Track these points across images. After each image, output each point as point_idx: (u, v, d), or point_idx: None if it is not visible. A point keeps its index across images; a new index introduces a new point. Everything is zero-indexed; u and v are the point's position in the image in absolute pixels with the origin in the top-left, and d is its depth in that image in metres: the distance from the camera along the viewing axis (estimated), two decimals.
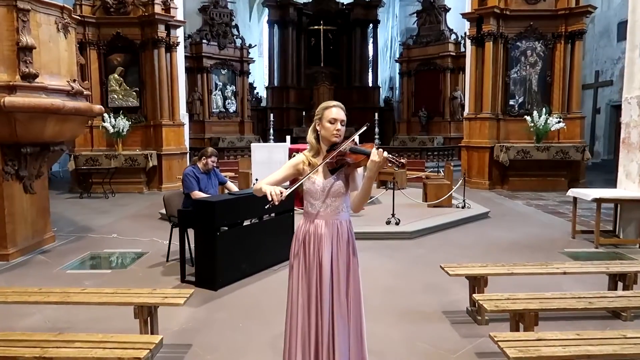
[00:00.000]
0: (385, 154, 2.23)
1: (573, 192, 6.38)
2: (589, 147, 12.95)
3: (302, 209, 2.57)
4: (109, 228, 7.27)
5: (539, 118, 10.95)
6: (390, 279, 4.85)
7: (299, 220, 2.60)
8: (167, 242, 5.54)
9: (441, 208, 8.00)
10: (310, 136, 2.55)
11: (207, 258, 4.51)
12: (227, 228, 4.71)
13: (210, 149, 5.43)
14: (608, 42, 17.32)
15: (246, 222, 5.02)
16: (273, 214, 5.29)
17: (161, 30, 11.29)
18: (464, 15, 12.00)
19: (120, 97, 11.73)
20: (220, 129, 18.06)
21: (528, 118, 11.08)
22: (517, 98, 11.82)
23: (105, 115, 11.09)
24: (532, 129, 11.11)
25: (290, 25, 20.64)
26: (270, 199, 2.25)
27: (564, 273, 3.61)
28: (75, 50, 6.10)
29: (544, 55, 11.61)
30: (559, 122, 10.96)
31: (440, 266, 3.78)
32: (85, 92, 5.99)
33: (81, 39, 11.22)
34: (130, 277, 4.94)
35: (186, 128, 12.74)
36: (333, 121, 2.45)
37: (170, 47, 11.65)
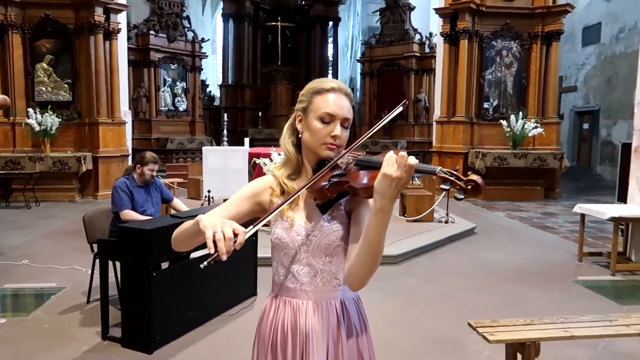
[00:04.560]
0: (413, 160, 1.09)
1: (581, 208, 5.53)
2: None
3: None
4: (22, 250, 5.81)
5: (516, 122, 10.25)
6: (387, 327, 3.74)
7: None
8: (90, 274, 4.22)
9: (422, 223, 7.02)
10: (285, 141, 1.38)
11: (138, 307, 3.26)
12: (167, 263, 3.49)
13: (149, 154, 4.13)
14: (572, 47, 17.08)
15: (195, 254, 3.80)
16: None
17: (99, 14, 9.79)
18: (437, 10, 11.15)
19: (50, 89, 10.11)
20: (168, 129, 16.51)
21: (504, 122, 10.36)
22: (491, 101, 11.10)
23: (30, 110, 9.51)
24: (508, 134, 10.40)
25: (246, 20, 19.34)
26: (212, 251, 1.08)
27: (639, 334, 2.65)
28: None
29: (520, 56, 10.94)
30: (537, 127, 10.29)
31: (470, 324, 2.72)
32: None
33: (2, 20, 9.60)
34: (32, 331, 3.60)
35: (128, 127, 11.24)
36: (328, 118, 1.30)
37: (110, 34, 10.15)
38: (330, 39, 20.98)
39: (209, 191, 5.74)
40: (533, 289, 4.62)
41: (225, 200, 5.60)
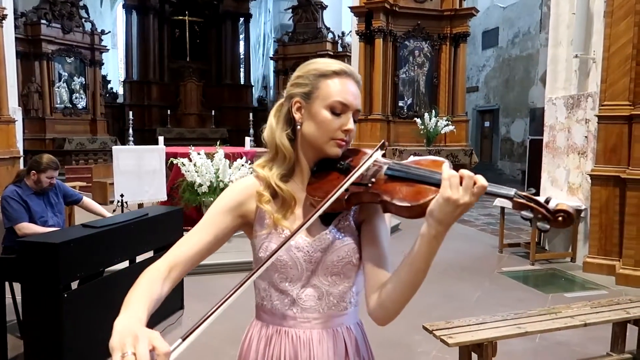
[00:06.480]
0: (483, 181, 0.89)
1: (500, 202, 5.73)
2: None
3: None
4: None
5: (429, 120, 10.59)
6: None
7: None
8: None
9: None
10: (279, 134, 1.10)
11: (45, 334, 2.76)
12: (79, 281, 3.02)
13: (47, 158, 3.50)
14: (473, 49, 18.08)
15: (118, 266, 3.34)
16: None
17: None
18: (352, 9, 11.21)
19: None
20: (66, 128, 15.09)
21: (418, 120, 10.66)
22: (405, 99, 11.40)
23: None
24: (422, 132, 10.72)
25: (151, 13, 18.26)
26: None
27: (585, 325, 2.69)
28: None
29: (431, 56, 11.34)
30: (448, 125, 10.71)
31: (425, 327, 2.60)
32: None
33: None
34: None
35: (19, 126, 10.03)
36: (341, 108, 1.06)
37: None
38: (242, 36, 20.49)
39: (122, 195, 5.18)
40: (465, 282, 4.69)
41: (140, 205, 5.00)
